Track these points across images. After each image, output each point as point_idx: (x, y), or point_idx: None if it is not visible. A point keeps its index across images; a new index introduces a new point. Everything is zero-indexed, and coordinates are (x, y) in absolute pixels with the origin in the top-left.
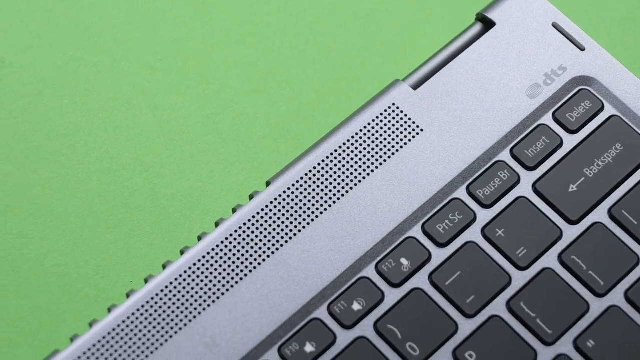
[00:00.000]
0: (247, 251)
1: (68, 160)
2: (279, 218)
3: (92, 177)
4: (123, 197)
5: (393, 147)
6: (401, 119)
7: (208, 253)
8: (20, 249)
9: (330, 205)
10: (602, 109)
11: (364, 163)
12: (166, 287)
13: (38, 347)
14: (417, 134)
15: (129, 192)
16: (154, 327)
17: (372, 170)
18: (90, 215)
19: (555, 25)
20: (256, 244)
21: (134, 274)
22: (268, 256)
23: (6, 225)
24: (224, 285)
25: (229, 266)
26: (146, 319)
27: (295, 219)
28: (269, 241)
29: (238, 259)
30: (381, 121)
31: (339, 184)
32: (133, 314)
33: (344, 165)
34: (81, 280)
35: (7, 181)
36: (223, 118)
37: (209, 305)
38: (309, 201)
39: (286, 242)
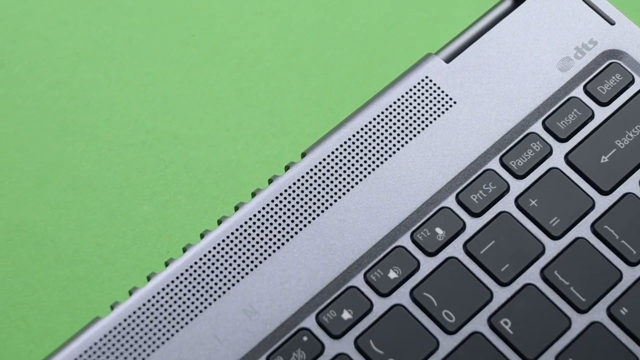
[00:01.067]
0: (284, 220)
1: (104, 133)
2: (314, 188)
3: (127, 150)
4: (159, 170)
5: (426, 119)
6: (434, 91)
7: (245, 222)
8: (58, 219)
9: (365, 176)
10: (632, 82)
11: (398, 135)
12: (204, 255)
13: (78, 314)
14: (450, 106)
15: (164, 164)
16: (193, 295)
17: (407, 142)
18: (126, 186)
19: (585, 0)
20: (293, 214)
21: (170, 245)
22: (305, 225)
23: (45, 196)
24: (261, 254)
25: (266, 235)
26: (185, 286)
27: (331, 189)
28: (305, 211)
29: (275, 228)
30: (414, 94)
31: (373, 155)
32: (172, 281)
33: (378, 137)
34: (119, 250)
35: (45, 153)
36: (257, 92)
37: (247, 274)
38: (345, 172)
39: (322, 211)
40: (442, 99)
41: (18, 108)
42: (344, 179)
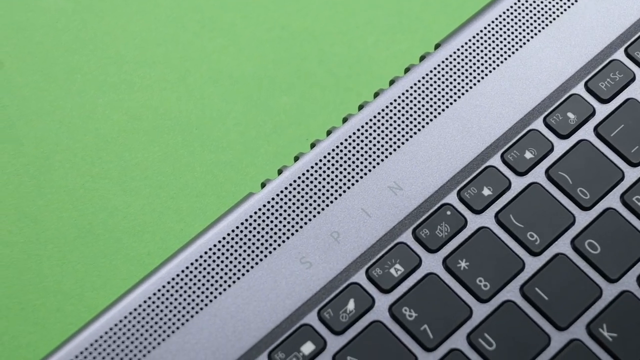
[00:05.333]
0: (422, 105)
1: (241, 29)
2: (451, 76)
3: (264, 45)
4: (294, 64)
5: (557, 9)
6: None
7: (387, 106)
8: (202, 109)
9: (498, 65)
10: None
11: (531, 24)
12: (349, 137)
13: (224, 196)
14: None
15: (299, 58)
16: (341, 173)
17: (538, 32)
18: (265, 79)
19: None
20: (431, 99)
21: (309, 133)
22: (443, 110)
23: (187, 88)
24: (403, 136)
25: (407, 118)
26: (332, 165)
27: (466, 77)
28: (443, 97)
29: (415, 112)
30: None
31: (505, 45)
32: (320, 160)
33: (512, 26)
34: (260, 138)
35: (187, 49)
36: None
37: (390, 153)
38: (479, 60)
39: (459, 97)
40: None
41: (158, 6)
42: (479, 67)
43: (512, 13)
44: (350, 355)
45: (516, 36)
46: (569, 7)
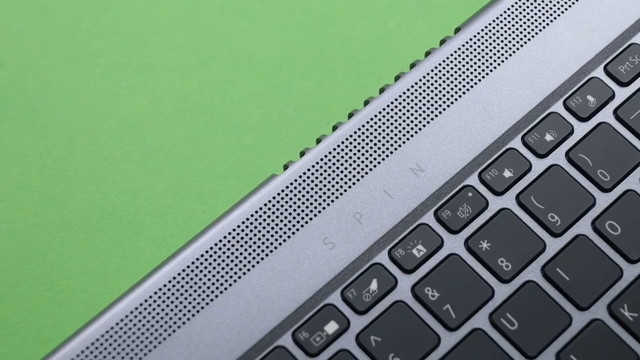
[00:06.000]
0: (443, 88)
1: (261, 13)
2: (471, 59)
3: (285, 29)
4: (315, 47)
5: None
6: None
7: (408, 90)
8: (223, 92)
9: (518, 49)
10: None
11: (551, 8)
12: (371, 119)
13: (246, 179)
14: None
15: (320, 42)
16: (362, 155)
17: (557, 16)
18: (285, 62)
19: None
20: (452, 82)
21: (330, 116)
22: (463, 93)
23: (209, 71)
24: (424, 118)
25: (428, 101)
26: (354, 147)
27: (487, 60)
28: (464, 79)
29: (436, 95)
30: None
31: (525, 29)
32: (342, 142)
33: (532, 10)
34: (282, 121)
35: (208, 32)
36: None
37: (411, 136)
38: (499, 44)
39: (479, 80)
40: None
41: None
42: (498, 51)
43: None
44: (374, 334)
45: (535, 20)
46: None
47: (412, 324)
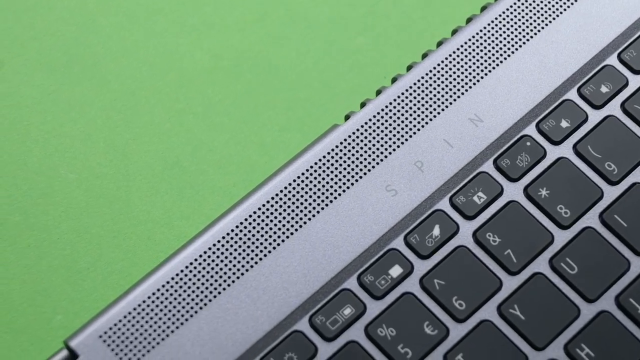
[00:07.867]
0: (500, 41)
1: None
2: (530, 11)
3: None
4: (369, 5)
5: None
6: None
7: (465, 42)
8: (280, 49)
9: (573, 3)
10: None
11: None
12: (430, 71)
13: (306, 131)
14: None
15: (373, 1)
16: (423, 105)
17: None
18: (340, 20)
19: None
20: (509, 35)
21: (386, 72)
22: (521, 45)
23: (266, 29)
24: (482, 70)
25: (485, 54)
26: (414, 97)
27: (543, 14)
28: (521, 32)
29: (493, 47)
30: None
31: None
32: (402, 94)
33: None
34: (338, 77)
35: None
36: None
37: (470, 87)
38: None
39: (536, 33)
40: None
41: None
42: (554, 5)
43: None
44: (437, 278)
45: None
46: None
47: (475, 268)
